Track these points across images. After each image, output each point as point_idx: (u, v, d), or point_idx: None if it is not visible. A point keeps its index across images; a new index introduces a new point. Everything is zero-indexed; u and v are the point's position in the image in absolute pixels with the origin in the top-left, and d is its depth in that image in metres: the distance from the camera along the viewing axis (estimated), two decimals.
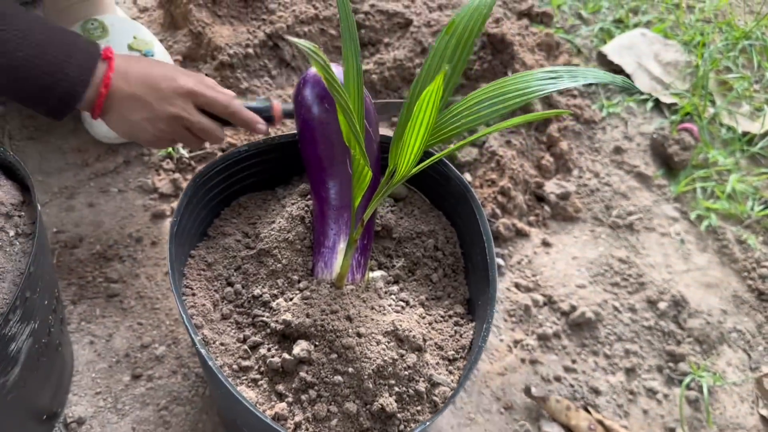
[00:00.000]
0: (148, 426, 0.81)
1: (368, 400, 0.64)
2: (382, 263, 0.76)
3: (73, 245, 0.93)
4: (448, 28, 0.58)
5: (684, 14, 1.37)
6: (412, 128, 0.53)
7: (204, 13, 1.14)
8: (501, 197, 1.03)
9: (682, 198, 1.11)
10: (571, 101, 1.18)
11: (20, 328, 0.62)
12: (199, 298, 0.70)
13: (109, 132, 1.01)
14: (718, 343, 0.97)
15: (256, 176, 0.77)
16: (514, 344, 0.93)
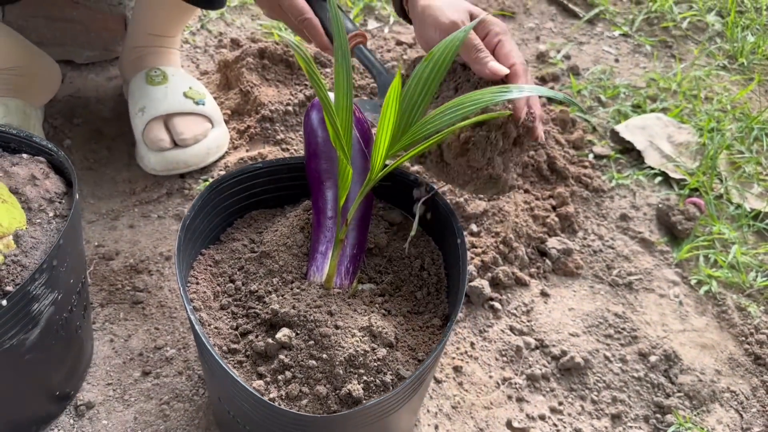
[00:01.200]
0: (149, 417, 0.88)
1: (338, 385, 0.70)
2: (372, 278, 0.84)
3: (109, 257, 1.05)
4: (427, 57, 0.68)
5: (701, 103, 1.44)
6: (381, 131, 0.62)
7: (254, 75, 1.30)
8: (502, 246, 1.09)
9: (683, 264, 1.14)
10: (582, 171, 1.25)
11: (44, 292, 0.72)
12: (201, 287, 0.78)
13: (156, 165, 1.15)
14: (710, 401, 0.97)
15: (269, 193, 0.88)
16: (503, 381, 0.97)
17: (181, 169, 1.15)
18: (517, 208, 1.14)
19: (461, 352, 0.99)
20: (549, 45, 1.59)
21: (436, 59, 0.67)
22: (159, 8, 1.20)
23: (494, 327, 1.03)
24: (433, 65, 0.67)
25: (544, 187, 1.21)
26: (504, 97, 0.62)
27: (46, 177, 0.81)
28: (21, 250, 0.72)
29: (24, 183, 0.79)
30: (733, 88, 1.52)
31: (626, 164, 1.31)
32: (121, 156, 1.21)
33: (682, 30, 1.68)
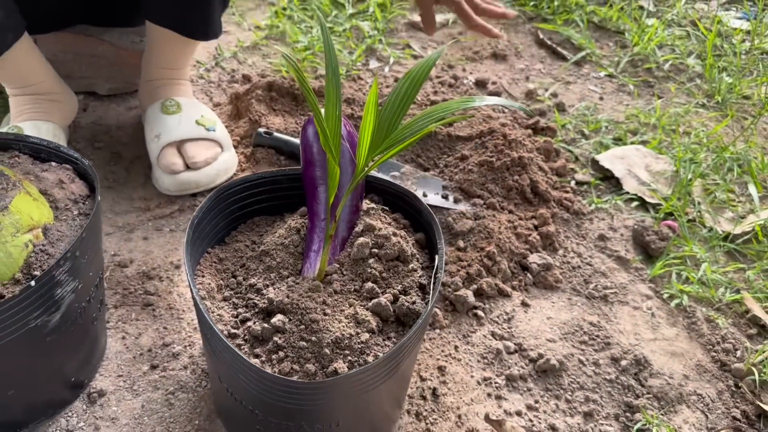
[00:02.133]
0: (155, 405, 0.96)
1: (325, 364, 0.78)
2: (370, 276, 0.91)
3: (124, 265, 1.14)
4: (407, 74, 0.78)
5: (679, 137, 1.54)
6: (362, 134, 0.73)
7: (262, 106, 1.42)
8: (486, 260, 1.18)
9: (657, 280, 1.22)
10: (563, 195, 1.34)
11: (66, 279, 0.81)
12: (207, 280, 0.87)
13: (170, 186, 1.25)
14: (677, 402, 1.04)
15: (270, 201, 0.97)
16: (483, 380, 1.04)
17: (192, 189, 1.25)
18: (501, 227, 1.23)
19: (445, 354, 1.07)
20: (537, 84, 1.70)
21: (412, 77, 0.78)
22: (165, 45, 1.33)
23: (477, 333, 1.11)
24: (410, 81, 0.78)
25: (527, 209, 1.30)
26: (468, 104, 0.73)
27: (71, 181, 0.91)
28: (48, 241, 0.82)
29: (52, 186, 0.89)
30: (710, 123, 1.62)
31: (605, 190, 1.40)
32: (138, 177, 1.32)
33: (664, 71, 1.79)
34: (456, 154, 1.40)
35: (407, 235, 0.92)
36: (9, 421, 0.89)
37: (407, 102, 0.77)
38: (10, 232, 0.79)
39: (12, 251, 0.78)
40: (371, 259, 0.88)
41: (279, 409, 0.77)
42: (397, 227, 0.93)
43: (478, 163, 1.33)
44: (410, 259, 0.89)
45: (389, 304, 0.84)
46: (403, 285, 0.87)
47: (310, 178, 0.91)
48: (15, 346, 0.79)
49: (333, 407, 0.79)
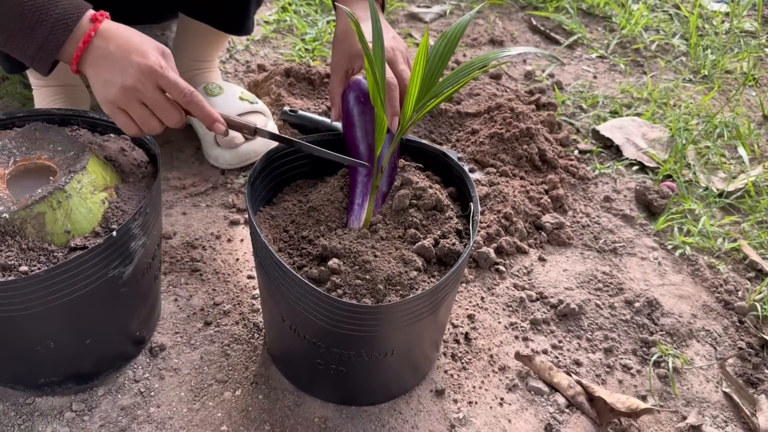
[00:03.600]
0: (213, 356, 1.04)
1: (379, 298, 0.87)
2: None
3: (168, 237, 1.22)
4: (442, 35, 0.87)
5: (670, 109, 1.65)
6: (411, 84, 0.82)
7: (282, 90, 1.50)
8: (504, 221, 1.27)
9: (660, 234, 1.33)
10: (569, 162, 1.44)
11: (138, 234, 0.89)
12: (263, 232, 0.96)
13: (232, 160, 1.34)
14: (687, 337, 1.14)
15: (312, 165, 1.06)
16: (510, 325, 1.13)
17: (252, 158, 1.35)
18: (515, 191, 1.33)
19: (473, 305, 1.16)
20: (534, 66, 1.81)
21: (448, 37, 0.87)
22: (197, 38, 1.41)
23: (500, 285, 1.20)
24: (446, 41, 0.87)
25: (536, 175, 1.40)
26: (502, 55, 0.82)
27: (132, 150, 0.99)
28: (121, 199, 0.90)
29: (116, 153, 0.97)
30: (698, 96, 1.73)
31: (607, 157, 1.51)
32: (170, 159, 1.40)
33: (651, 51, 1.91)
34: (466, 129, 1.50)
35: (441, 188, 1.02)
36: (83, 372, 0.96)
37: (445, 59, 0.86)
38: (89, 190, 0.86)
39: (92, 207, 0.86)
40: (411, 209, 0.96)
41: (342, 337, 0.85)
42: (430, 182, 1.02)
43: (488, 136, 1.43)
44: (446, 209, 0.98)
45: (432, 247, 0.93)
46: (441, 230, 0.96)
47: (351, 138, 1.00)
48: (95, 295, 0.87)
49: (388, 335, 0.87)
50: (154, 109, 0.88)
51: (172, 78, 0.87)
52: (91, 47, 0.86)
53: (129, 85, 0.85)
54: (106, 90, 0.86)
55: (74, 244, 0.84)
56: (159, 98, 0.87)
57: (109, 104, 0.87)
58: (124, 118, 0.89)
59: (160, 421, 0.95)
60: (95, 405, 0.96)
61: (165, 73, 0.86)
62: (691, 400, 1.05)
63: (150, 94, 0.86)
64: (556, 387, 1.04)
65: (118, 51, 0.85)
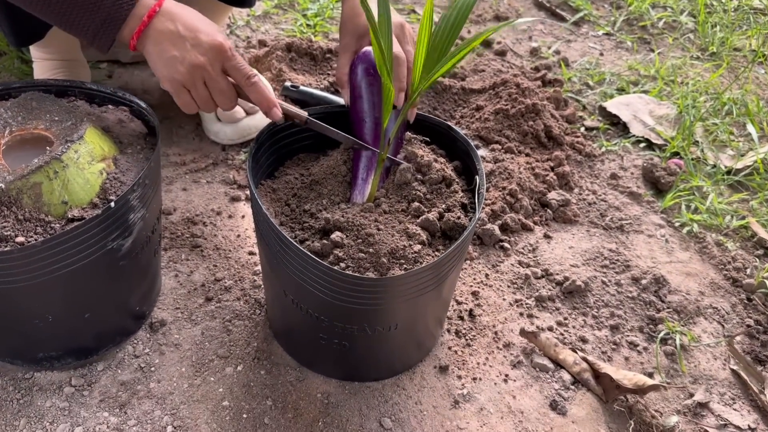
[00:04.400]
0: (214, 332, 1.02)
1: (383, 272, 0.85)
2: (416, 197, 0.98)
3: (168, 212, 1.20)
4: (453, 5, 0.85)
5: (678, 86, 1.63)
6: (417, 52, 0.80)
7: (283, 65, 1.48)
8: (509, 197, 1.25)
9: (668, 211, 1.31)
10: (575, 139, 1.42)
11: (137, 205, 0.88)
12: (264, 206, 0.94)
13: (233, 135, 1.32)
14: (695, 315, 1.12)
15: (314, 138, 1.03)
16: (514, 302, 1.11)
17: (252, 134, 1.33)
18: (520, 168, 1.31)
19: (478, 282, 1.14)
20: (540, 42, 1.78)
21: (459, 6, 0.85)
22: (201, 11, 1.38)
23: (505, 262, 1.18)
24: (457, 12, 0.85)
25: (542, 152, 1.38)
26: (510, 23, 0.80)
27: (131, 121, 0.97)
28: (119, 170, 0.88)
29: (114, 124, 0.95)
30: (705, 73, 1.71)
31: (614, 134, 1.48)
32: (170, 135, 1.38)
33: (658, 29, 1.88)
34: (471, 105, 1.47)
35: (447, 162, 1.00)
36: (82, 347, 0.95)
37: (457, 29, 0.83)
38: (87, 160, 0.85)
39: (89, 177, 0.84)
40: (415, 182, 0.94)
41: (345, 311, 0.84)
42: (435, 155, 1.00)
43: (494, 112, 1.40)
44: (452, 182, 0.96)
45: (436, 220, 0.91)
46: (446, 204, 0.94)
47: (358, 112, 0.98)
48: (94, 268, 0.85)
49: (391, 309, 0.86)
50: (213, 89, 0.88)
51: (240, 59, 0.88)
52: (155, 24, 0.84)
53: (198, 64, 0.84)
54: (172, 68, 0.85)
55: (72, 215, 0.83)
56: (221, 80, 0.87)
57: (174, 82, 0.86)
58: (186, 97, 0.88)
59: (160, 396, 0.93)
60: (95, 380, 0.95)
61: (233, 54, 0.87)
62: (699, 378, 1.04)
63: (215, 75, 0.86)
64: (561, 364, 1.03)
65: (185, 30, 0.85)
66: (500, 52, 1.71)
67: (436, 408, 0.96)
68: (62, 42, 1.31)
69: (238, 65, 0.88)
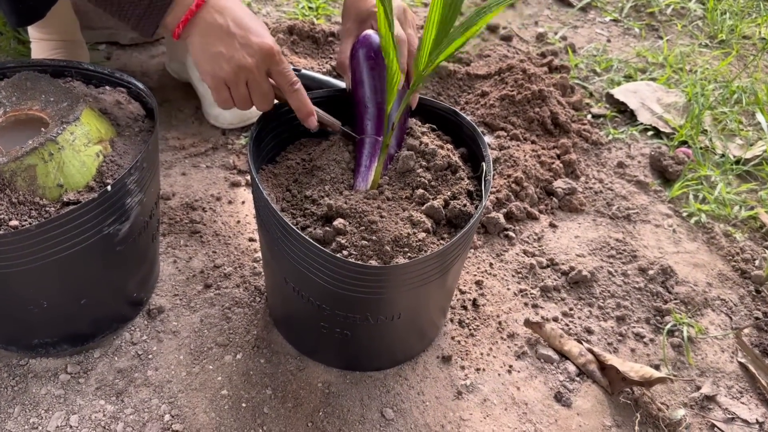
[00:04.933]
0: (214, 319, 1.00)
1: (386, 260, 0.83)
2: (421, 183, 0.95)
3: (167, 197, 1.18)
4: None
5: (686, 74, 1.60)
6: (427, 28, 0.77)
7: (284, 48, 1.45)
8: (514, 185, 1.23)
9: (675, 201, 1.28)
10: (582, 127, 1.40)
11: (135, 189, 0.85)
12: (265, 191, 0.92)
13: (233, 119, 1.29)
14: (703, 306, 1.10)
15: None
16: (519, 292, 1.09)
17: (253, 118, 1.31)
18: (526, 155, 1.29)
19: (482, 271, 1.12)
20: (547, 28, 1.75)
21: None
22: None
23: (509, 251, 1.16)
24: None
25: (548, 139, 1.36)
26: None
27: (129, 102, 0.94)
28: (116, 153, 0.86)
29: (111, 106, 0.92)
30: (714, 61, 1.68)
31: (621, 122, 1.46)
32: (169, 118, 1.35)
33: (666, 15, 1.84)
34: (476, 91, 1.45)
35: (453, 149, 0.97)
36: (78, 333, 0.93)
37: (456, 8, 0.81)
38: (83, 142, 0.82)
39: (86, 160, 0.82)
40: (420, 169, 0.92)
41: (347, 300, 0.82)
42: (440, 141, 0.98)
43: (499, 98, 1.38)
44: (458, 169, 0.94)
45: (441, 208, 0.89)
46: (452, 191, 0.91)
47: (360, 98, 0.95)
48: (90, 253, 0.83)
49: (394, 298, 0.84)
50: (255, 91, 0.85)
51: (286, 65, 0.85)
52: (203, 14, 0.82)
53: (246, 65, 0.82)
54: (217, 64, 0.82)
55: (67, 199, 0.80)
56: (265, 83, 0.85)
57: (216, 79, 0.83)
58: (225, 94, 0.85)
59: (158, 384, 0.92)
60: (91, 367, 0.93)
61: (281, 59, 0.84)
62: (706, 370, 1.02)
63: (259, 78, 0.84)
64: (566, 355, 1.01)
65: (235, 26, 0.82)
66: (506, 37, 1.68)
67: (438, 399, 0.94)
68: (61, 22, 1.29)
69: (285, 71, 0.85)
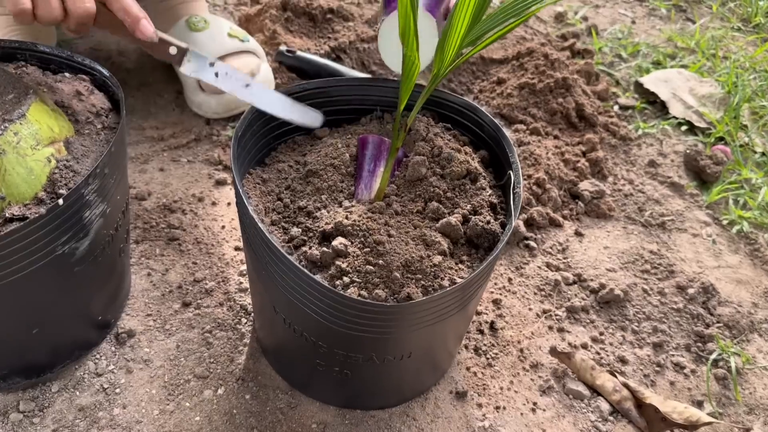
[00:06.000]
0: (192, 345, 0.87)
1: (396, 289, 0.69)
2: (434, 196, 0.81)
3: (141, 198, 1.04)
4: None
5: (720, 61, 1.45)
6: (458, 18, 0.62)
7: (277, 26, 1.30)
8: (536, 188, 1.09)
9: (714, 206, 1.15)
10: (608, 120, 1.25)
11: (95, 201, 0.71)
12: (253, 201, 0.77)
13: (219, 108, 1.15)
14: (749, 331, 0.97)
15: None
16: (542, 313, 0.96)
17: (241, 107, 1.16)
18: (548, 152, 1.14)
19: (499, 287, 0.99)
20: (566, 7, 1.60)
21: None
22: None
23: (530, 264, 1.03)
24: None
25: (572, 134, 1.21)
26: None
27: (90, 93, 0.80)
28: (72, 156, 0.71)
29: (69, 98, 0.78)
30: (749, 47, 1.53)
31: (651, 115, 1.32)
32: (147, 105, 1.20)
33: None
34: (491, 78, 1.30)
35: (472, 152, 0.83)
36: (33, 364, 0.79)
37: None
38: (30, 144, 0.68)
39: (33, 166, 0.68)
40: (433, 177, 0.78)
41: (348, 338, 0.68)
42: (458, 143, 0.84)
43: (518, 86, 1.23)
44: (478, 176, 0.80)
45: (459, 224, 0.75)
46: (472, 204, 0.78)
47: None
48: (41, 277, 0.69)
49: (405, 337, 0.70)
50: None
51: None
52: None
53: None
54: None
55: (10, 214, 0.66)
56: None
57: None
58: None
59: (125, 425, 0.78)
60: (48, 404, 0.79)
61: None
62: (755, 408, 0.89)
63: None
64: (598, 390, 0.88)
65: None
66: None
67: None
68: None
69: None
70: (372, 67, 1.29)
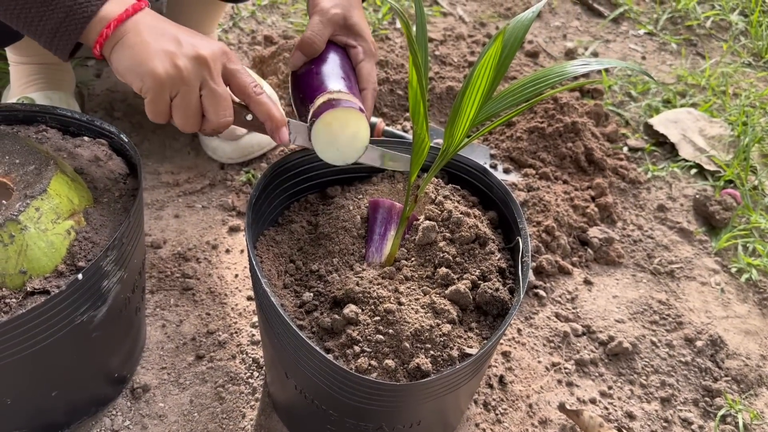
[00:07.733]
0: (205, 400, 0.89)
1: (405, 359, 0.71)
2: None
3: (157, 246, 1.06)
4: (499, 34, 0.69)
5: (730, 99, 1.46)
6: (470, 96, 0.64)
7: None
8: (545, 235, 1.10)
9: (722, 253, 1.15)
10: (618, 163, 1.26)
11: (113, 270, 0.73)
12: (266, 265, 0.79)
13: (233, 153, 1.17)
14: (757, 385, 0.98)
15: (324, 177, 0.88)
16: (552, 366, 0.97)
17: (255, 153, 1.18)
18: (558, 198, 1.15)
19: (508, 338, 1.00)
20: (576, 42, 1.60)
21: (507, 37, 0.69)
22: (194, 9, 1.22)
23: (540, 314, 1.04)
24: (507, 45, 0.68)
25: (582, 179, 1.22)
26: (585, 69, 0.64)
27: (109, 158, 0.82)
28: (91, 227, 0.73)
29: (88, 164, 0.80)
30: (760, 84, 1.53)
31: (660, 157, 1.32)
32: (162, 149, 1.22)
33: (705, 29, 1.70)
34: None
35: (481, 214, 0.84)
36: (51, 423, 0.81)
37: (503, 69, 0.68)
38: (51, 218, 0.70)
39: (54, 240, 0.70)
40: (442, 242, 0.79)
41: (358, 410, 0.70)
42: (467, 205, 0.85)
43: (527, 130, 1.24)
44: (487, 241, 0.81)
45: (468, 291, 0.76)
46: (481, 269, 0.79)
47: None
48: (60, 345, 0.71)
49: (416, 408, 0.71)
50: (209, 96, 0.69)
51: (235, 65, 0.72)
52: (141, 18, 0.69)
53: (201, 57, 0.68)
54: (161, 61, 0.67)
55: (31, 288, 0.68)
56: (221, 85, 0.70)
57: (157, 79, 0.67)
58: (165, 98, 0.69)
59: None
60: None
61: (237, 58, 0.72)
62: None
63: (216, 78, 0.69)
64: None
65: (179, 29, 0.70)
66: (532, 53, 1.54)
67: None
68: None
69: (243, 70, 0.73)
70: (383, 110, 1.31)
